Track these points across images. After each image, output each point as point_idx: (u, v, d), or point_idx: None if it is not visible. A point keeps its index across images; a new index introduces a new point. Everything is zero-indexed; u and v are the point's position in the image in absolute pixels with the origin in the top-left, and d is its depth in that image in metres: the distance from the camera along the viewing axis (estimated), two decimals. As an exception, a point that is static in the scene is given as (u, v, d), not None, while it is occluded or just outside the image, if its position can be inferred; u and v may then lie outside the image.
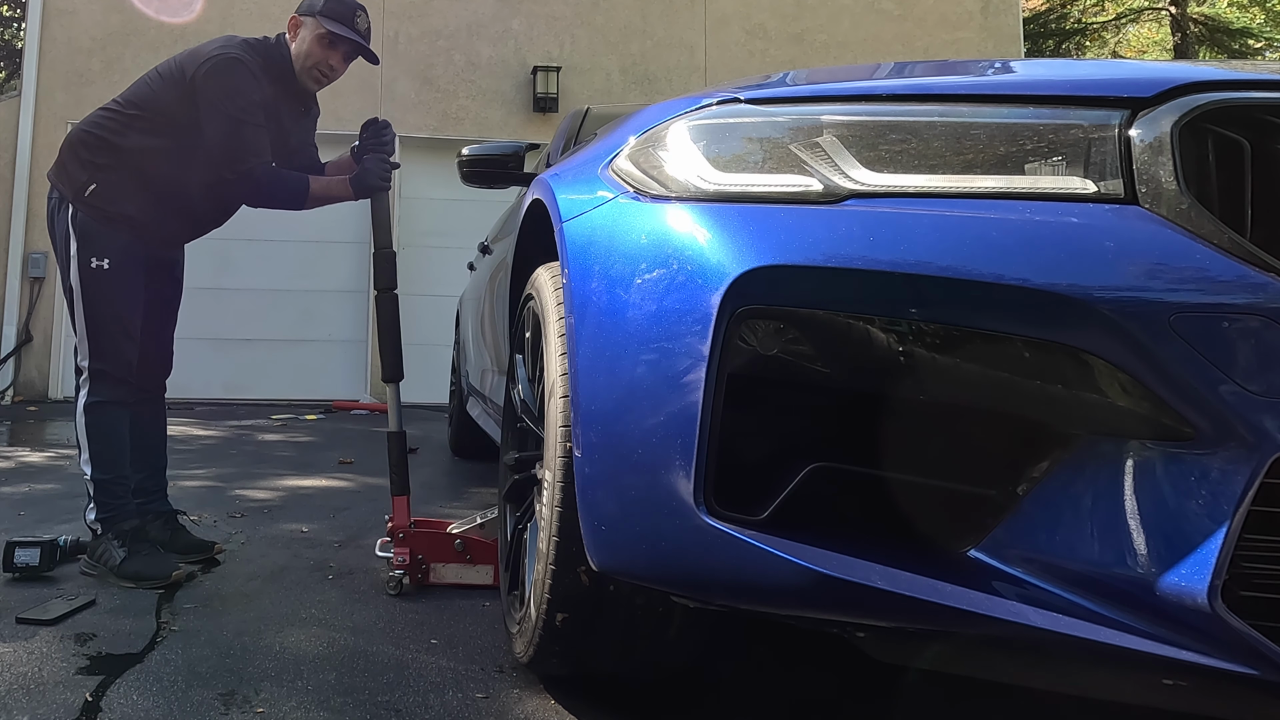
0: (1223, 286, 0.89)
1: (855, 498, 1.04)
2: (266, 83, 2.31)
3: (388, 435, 2.32)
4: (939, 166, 1.04)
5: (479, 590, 2.12)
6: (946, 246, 0.96)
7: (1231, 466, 0.87)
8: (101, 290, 2.21)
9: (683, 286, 1.07)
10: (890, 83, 1.21)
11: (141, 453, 2.37)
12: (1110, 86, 1.03)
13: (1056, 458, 0.95)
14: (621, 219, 1.21)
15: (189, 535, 2.41)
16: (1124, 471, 0.93)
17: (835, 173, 1.06)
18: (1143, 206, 0.95)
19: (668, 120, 1.27)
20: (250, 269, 7.73)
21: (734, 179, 1.13)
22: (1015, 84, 1.11)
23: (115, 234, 2.23)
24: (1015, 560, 0.96)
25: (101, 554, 2.15)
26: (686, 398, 1.05)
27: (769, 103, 1.18)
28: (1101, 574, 0.92)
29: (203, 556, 2.33)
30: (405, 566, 2.10)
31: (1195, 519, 0.88)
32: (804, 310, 1.02)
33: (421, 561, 2.13)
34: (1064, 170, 1.00)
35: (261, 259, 7.72)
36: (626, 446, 1.12)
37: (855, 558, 0.98)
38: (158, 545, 2.26)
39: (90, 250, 2.21)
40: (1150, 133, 0.97)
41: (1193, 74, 1.01)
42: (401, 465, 2.27)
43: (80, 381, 2.24)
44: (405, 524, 2.16)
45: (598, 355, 1.17)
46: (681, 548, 1.07)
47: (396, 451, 2.28)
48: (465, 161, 2.51)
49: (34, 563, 2.12)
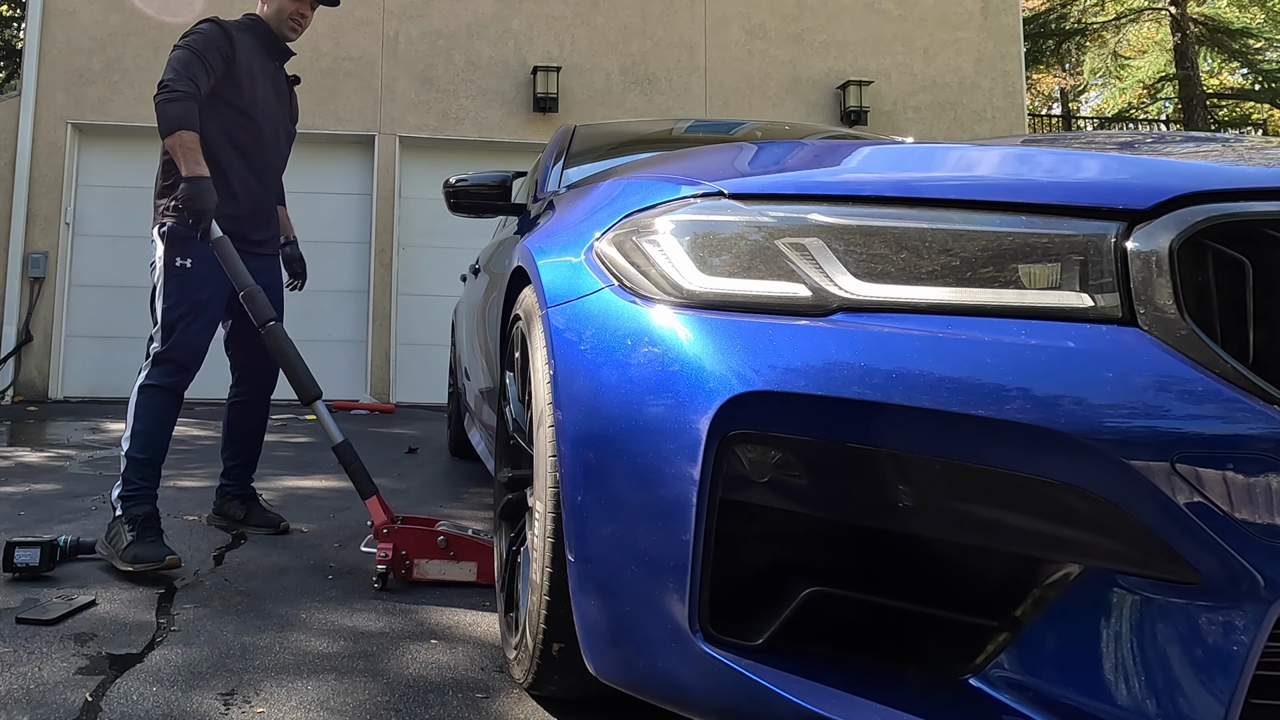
0: (1225, 422, 0.86)
1: (854, 624, 1.03)
2: (251, 39, 2.60)
3: (334, 449, 2.35)
4: (930, 277, 1.00)
5: (478, 590, 2.12)
6: (939, 377, 0.93)
7: (1238, 617, 0.84)
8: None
9: (672, 406, 1.05)
10: (879, 179, 1.15)
11: (238, 441, 2.75)
12: (1106, 194, 0.99)
13: (1057, 592, 0.93)
14: (609, 319, 1.18)
15: (263, 512, 2.76)
16: (1126, 612, 0.90)
17: (824, 279, 1.04)
18: (1141, 328, 0.92)
19: (652, 209, 1.23)
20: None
21: (722, 283, 1.09)
22: (1008, 187, 1.05)
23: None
24: (1015, 692, 0.94)
25: (114, 536, 2.27)
26: (678, 520, 1.03)
27: (755, 199, 1.14)
28: (1101, 714, 0.90)
29: (272, 530, 2.69)
30: (388, 562, 2.13)
31: (1199, 669, 0.86)
32: (794, 437, 0.99)
33: (406, 557, 2.16)
34: (1059, 283, 0.96)
35: (261, 259, 7.70)
36: (619, 562, 1.10)
37: (853, 694, 0.96)
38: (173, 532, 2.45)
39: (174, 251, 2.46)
40: (1147, 248, 0.94)
41: (1190, 181, 0.98)
42: (358, 471, 2.31)
43: (142, 364, 2.45)
44: (386, 521, 2.19)
45: (586, 465, 1.15)
46: (676, 670, 1.06)
47: (348, 460, 2.32)
48: (452, 192, 2.52)
49: (34, 563, 2.13)
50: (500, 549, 1.84)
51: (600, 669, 1.17)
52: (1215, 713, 0.85)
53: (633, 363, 1.11)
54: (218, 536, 2.63)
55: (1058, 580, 0.93)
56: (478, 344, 2.85)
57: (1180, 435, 0.86)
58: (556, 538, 1.26)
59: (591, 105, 8.18)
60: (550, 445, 1.26)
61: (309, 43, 7.87)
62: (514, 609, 1.61)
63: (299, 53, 2.96)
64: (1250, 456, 0.85)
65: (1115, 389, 0.89)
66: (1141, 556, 0.88)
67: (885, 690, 0.97)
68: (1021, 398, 0.90)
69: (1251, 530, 0.84)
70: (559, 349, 1.25)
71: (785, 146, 1.51)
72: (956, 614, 0.99)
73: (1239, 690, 0.85)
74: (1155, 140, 1.54)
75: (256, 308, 2.39)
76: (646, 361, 1.10)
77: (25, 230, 7.53)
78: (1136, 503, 0.87)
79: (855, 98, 8.34)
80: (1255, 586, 0.84)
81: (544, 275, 1.38)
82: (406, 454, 4.63)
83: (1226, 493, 0.85)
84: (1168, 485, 0.86)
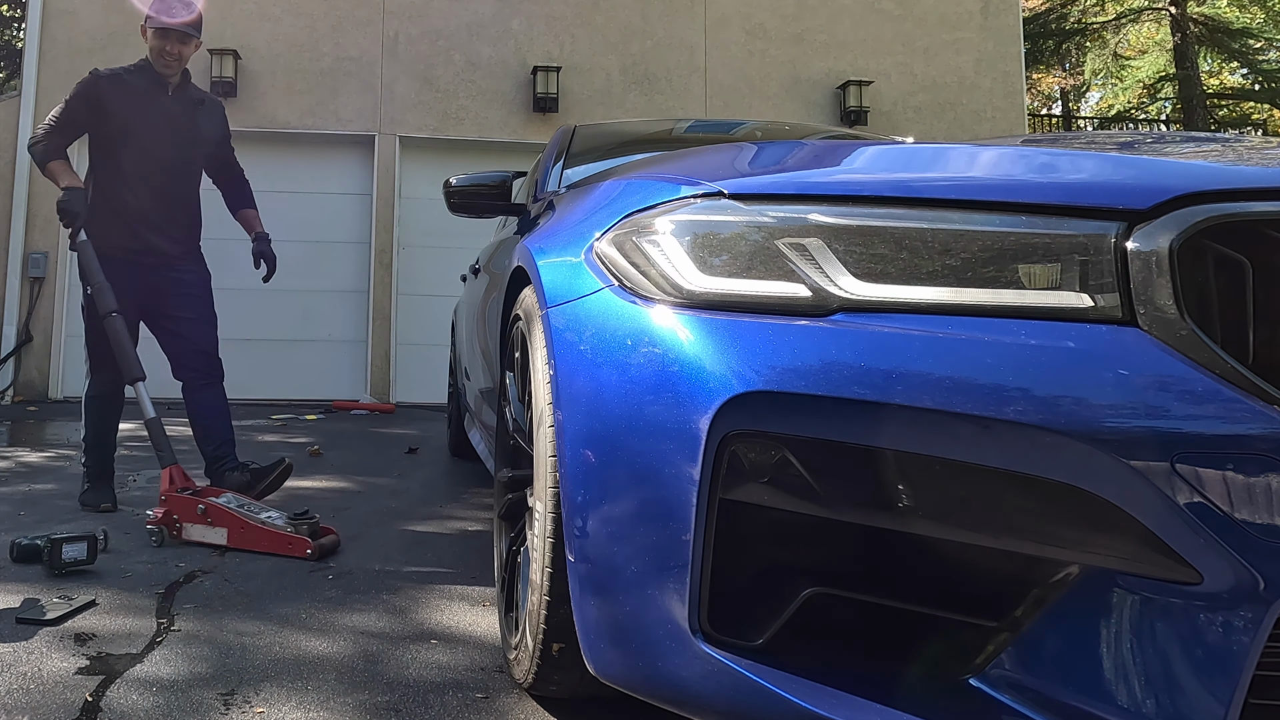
0: (1225, 422, 0.86)
1: (854, 623, 1.03)
2: (135, 79, 3.06)
3: (145, 423, 2.83)
4: (930, 277, 1.00)
5: (478, 590, 2.12)
6: (939, 377, 0.93)
7: (1238, 617, 0.84)
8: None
9: (672, 406, 1.05)
10: (879, 179, 1.15)
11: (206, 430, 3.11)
12: (1106, 194, 0.99)
13: (1057, 592, 0.93)
14: (609, 318, 1.18)
15: (261, 467, 3.08)
16: (1126, 612, 0.90)
17: (824, 279, 1.03)
18: (1141, 328, 0.92)
19: (652, 210, 1.23)
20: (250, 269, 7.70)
21: (722, 283, 1.09)
22: (1008, 187, 1.04)
23: None
24: (1015, 692, 0.94)
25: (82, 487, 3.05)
26: (678, 520, 1.03)
27: (755, 199, 1.14)
28: (1101, 713, 0.90)
29: (278, 473, 3.07)
30: (157, 522, 2.55)
31: (1199, 669, 0.86)
32: (794, 436, 0.99)
33: (176, 521, 2.57)
34: (1059, 283, 0.96)
35: (261, 259, 7.70)
36: (619, 563, 1.10)
37: (853, 694, 0.96)
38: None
39: None
40: (1147, 248, 0.93)
41: (1190, 181, 0.97)
42: (162, 444, 2.78)
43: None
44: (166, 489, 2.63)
45: (586, 465, 1.15)
46: (676, 671, 1.06)
47: (156, 433, 2.81)
48: (452, 192, 2.53)
49: (83, 557, 2.19)
50: (500, 549, 1.84)
51: (600, 669, 1.17)
52: (1215, 713, 0.85)
53: (633, 363, 1.11)
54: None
55: (1058, 580, 0.93)
56: (478, 344, 2.85)
57: (1180, 435, 0.86)
58: (556, 538, 1.26)
59: (591, 105, 8.18)
60: (550, 445, 1.26)
61: (309, 43, 7.88)
62: (514, 609, 1.61)
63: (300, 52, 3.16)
64: (1250, 456, 0.85)
65: (1115, 389, 0.89)
66: (1141, 557, 0.88)
67: (885, 690, 0.97)
68: (1021, 398, 0.90)
69: (1251, 530, 0.84)
70: (559, 349, 1.25)
71: (785, 146, 1.51)
72: (956, 614, 0.98)
73: (1239, 690, 0.84)
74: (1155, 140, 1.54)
75: (102, 300, 2.88)
76: (646, 361, 1.10)
77: (25, 230, 7.53)
78: (1136, 503, 0.87)
79: (855, 98, 8.34)
80: (1255, 586, 0.84)
81: (544, 275, 1.38)
82: (406, 454, 4.63)
83: (1226, 493, 0.85)
84: (1168, 485, 0.85)
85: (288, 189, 7.87)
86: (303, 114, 7.87)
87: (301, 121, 7.87)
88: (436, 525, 2.90)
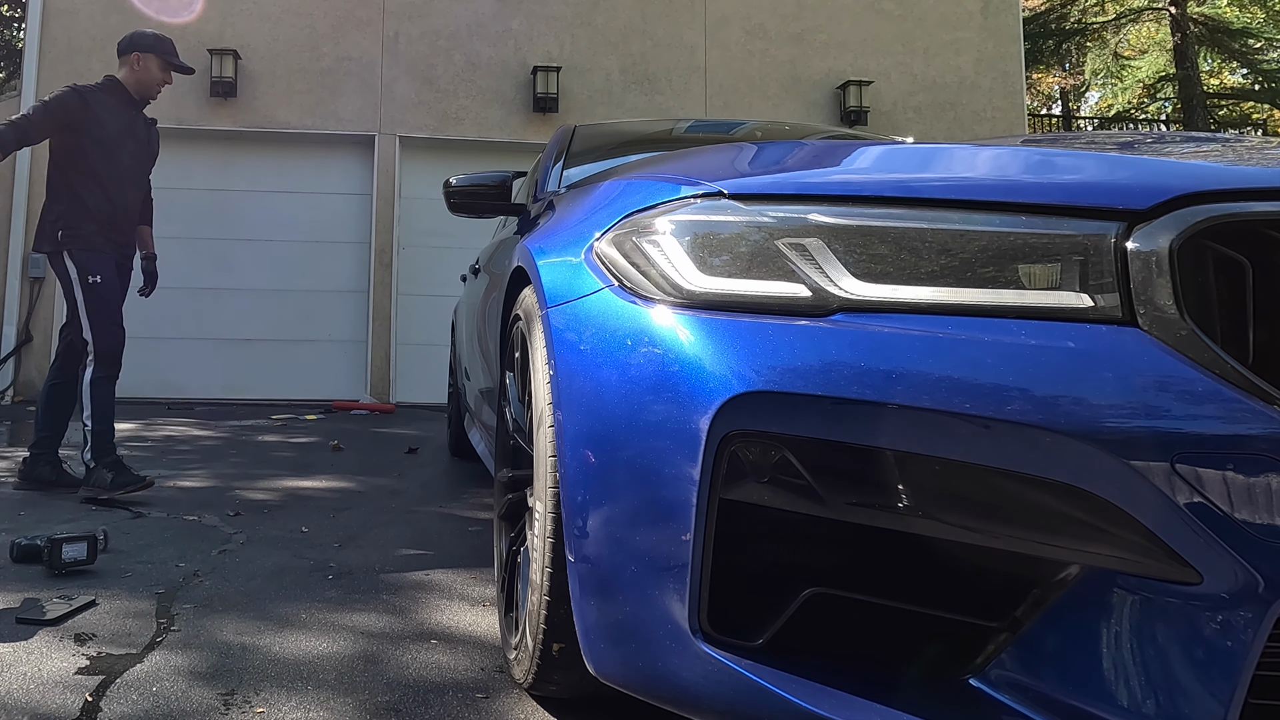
0: (1225, 422, 0.86)
1: (854, 623, 1.03)
2: (105, 96, 3.37)
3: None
4: (930, 277, 1.00)
5: (478, 590, 2.12)
6: (939, 377, 0.93)
7: (1238, 617, 0.84)
8: None
9: (672, 406, 1.05)
10: (880, 179, 1.15)
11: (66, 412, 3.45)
12: (1106, 194, 0.99)
13: (1057, 592, 0.93)
14: (609, 318, 1.18)
15: (70, 476, 3.39)
16: (1126, 612, 0.90)
17: (824, 279, 1.04)
18: (1141, 329, 0.92)
19: (652, 210, 1.23)
20: (250, 269, 7.73)
21: (722, 284, 1.09)
22: (1008, 187, 1.04)
23: None
24: (1015, 692, 0.94)
25: (95, 480, 3.14)
26: (678, 520, 1.03)
27: (755, 199, 1.14)
28: (1101, 713, 0.89)
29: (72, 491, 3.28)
30: None
31: (1199, 669, 0.86)
32: (794, 436, 0.99)
33: None
34: (1059, 283, 0.96)
35: (261, 259, 7.73)
36: (619, 563, 1.10)
37: (853, 694, 0.96)
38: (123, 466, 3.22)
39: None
40: (1147, 248, 0.93)
41: (1190, 181, 0.97)
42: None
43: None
44: None
45: (586, 465, 1.15)
46: (676, 671, 1.06)
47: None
48: (452, 192, 2.53)
49: (83, 557, 2.19)
50: (500, 549, 1.84)
51: (600, 669, 1.17)
52: (1215, 713, 0.85)
53: (633, 363, 1.11)
54: (218, 536, 2.63)
55: (1058, 580, 0.93)
56: (477, 344, 2.85)
57: (1180, 435, 0.86)
58: (556, 538, 1.26)
59: (591, 105, 8.18)
60: (550, 445, 1.26)
61: (309, 43, 7.89)
62: (514, 609, 1.61)
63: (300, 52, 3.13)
64: (1250, 456, 0.85)
65: (1115, 389, 0.89)
66: (1141, 556, 0.88)
67: (885, 690, 0.97)
68: (1021, 398, 0.90)
69: (1251, 530, 0.84)
70: (559, 349, 1.25)
71: (785, 146, 1.50)
72: (956, 614, 0.98)
73: (1239, 690, 0.84)
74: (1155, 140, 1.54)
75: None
76: (646, 361, 1.10)
77: (25, 230, 7.52)
78: (1136, 503, 0.87)
79: (855, 98, 8.34)
80: (1255, 587, 0.84)
81: (544, 275, 1.38)
82: (406, 454, 4.63)
83: (1226, 493, 0.85)
84: (1168, 485, 0.86)
85: (288, 189, 7.88)
86: (303, 114, 7.86)
87: (301, 121, 7.87)
88: (437, 525, 2.90)
